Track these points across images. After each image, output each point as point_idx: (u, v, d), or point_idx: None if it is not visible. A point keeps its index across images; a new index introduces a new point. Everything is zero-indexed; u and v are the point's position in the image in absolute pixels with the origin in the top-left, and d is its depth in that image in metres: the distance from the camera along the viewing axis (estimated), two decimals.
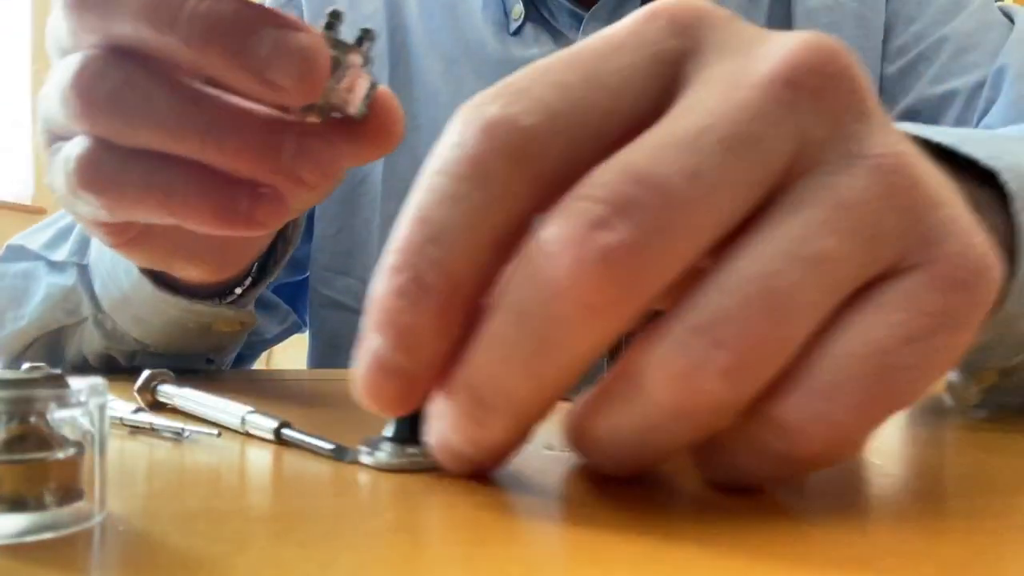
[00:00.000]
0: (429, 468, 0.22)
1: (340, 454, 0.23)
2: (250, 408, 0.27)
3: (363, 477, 0.22)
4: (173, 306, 0.43)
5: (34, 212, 2.72)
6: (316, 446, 0.24)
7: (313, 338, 0.74)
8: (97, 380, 0.18)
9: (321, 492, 0.21)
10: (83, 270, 0.49)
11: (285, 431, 0.25)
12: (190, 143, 0.26)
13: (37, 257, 0.52)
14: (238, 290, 0.47)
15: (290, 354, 0.93)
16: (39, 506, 0.16)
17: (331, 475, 0.22)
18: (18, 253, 0.54)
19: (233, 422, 0.27)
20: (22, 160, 2.80)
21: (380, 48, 0.68)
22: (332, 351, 0.70)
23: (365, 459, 0.22)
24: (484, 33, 0.66)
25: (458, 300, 0.18)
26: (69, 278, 0.49)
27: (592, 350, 0.17)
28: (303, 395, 0.41)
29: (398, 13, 0.69)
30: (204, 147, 0.26)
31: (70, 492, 0.17)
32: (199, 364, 0.52)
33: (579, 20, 0.63)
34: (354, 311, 0.68)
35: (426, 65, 0.67)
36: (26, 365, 0.21)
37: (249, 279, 0.47)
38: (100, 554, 0.16)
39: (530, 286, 0.17)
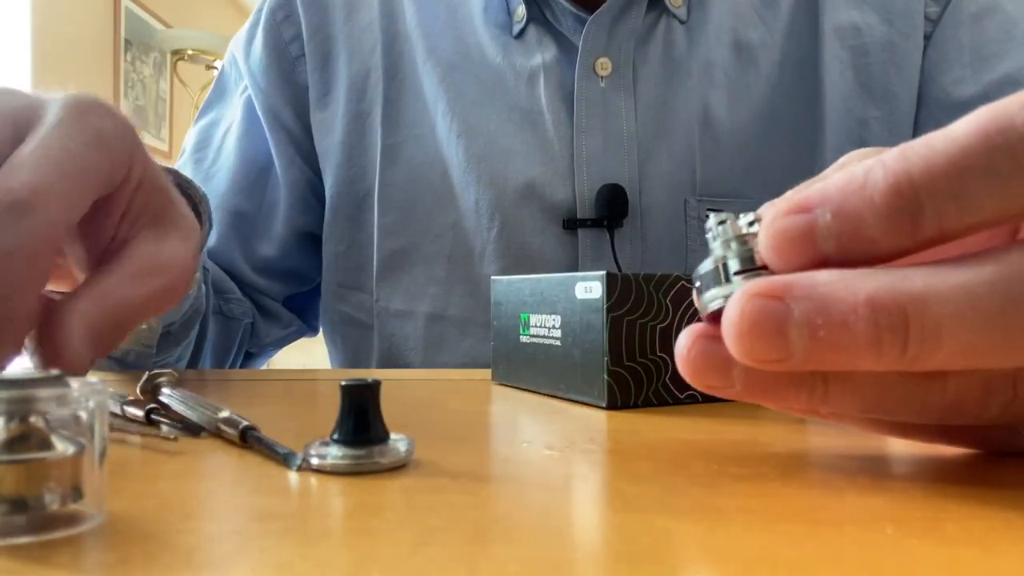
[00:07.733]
0: (373, 470, 0.22)
1: (289, 460, 0.23)
2: (226, 412, 0.27)
3: (363, 477, 0.22)
4: None
5: None
6: (271, 450, 0.24)
7: (334, 356, 0.74)
8: (97, 380, 0.18)
9: (321, 492, 0.21)
10: None
11: (249, 434, 0.25)
12: None
13: None
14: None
15: (292, 355, 0.94)
16: (39, 506, 0.16)
17: (330, 475, 0.22)
18: None
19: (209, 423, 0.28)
20: None
21: (376, 60, 0.67)
22: (353, 368, 0.70)
23: (313, 461, 0.22)
24: (485, 38, 0.65)
25: None
26: None
27: None
28: (305, 394, 0.41)
29: (395, 23, 0.67)
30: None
31: (70, 492, 0.17)
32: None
33: (582, 23, 0.62)
34: (369, 327, 0.68)
35: (424, 72, 0.65)
36: (26, 365, 0.21)
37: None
38: (100, 554, 0.16)
39: None
